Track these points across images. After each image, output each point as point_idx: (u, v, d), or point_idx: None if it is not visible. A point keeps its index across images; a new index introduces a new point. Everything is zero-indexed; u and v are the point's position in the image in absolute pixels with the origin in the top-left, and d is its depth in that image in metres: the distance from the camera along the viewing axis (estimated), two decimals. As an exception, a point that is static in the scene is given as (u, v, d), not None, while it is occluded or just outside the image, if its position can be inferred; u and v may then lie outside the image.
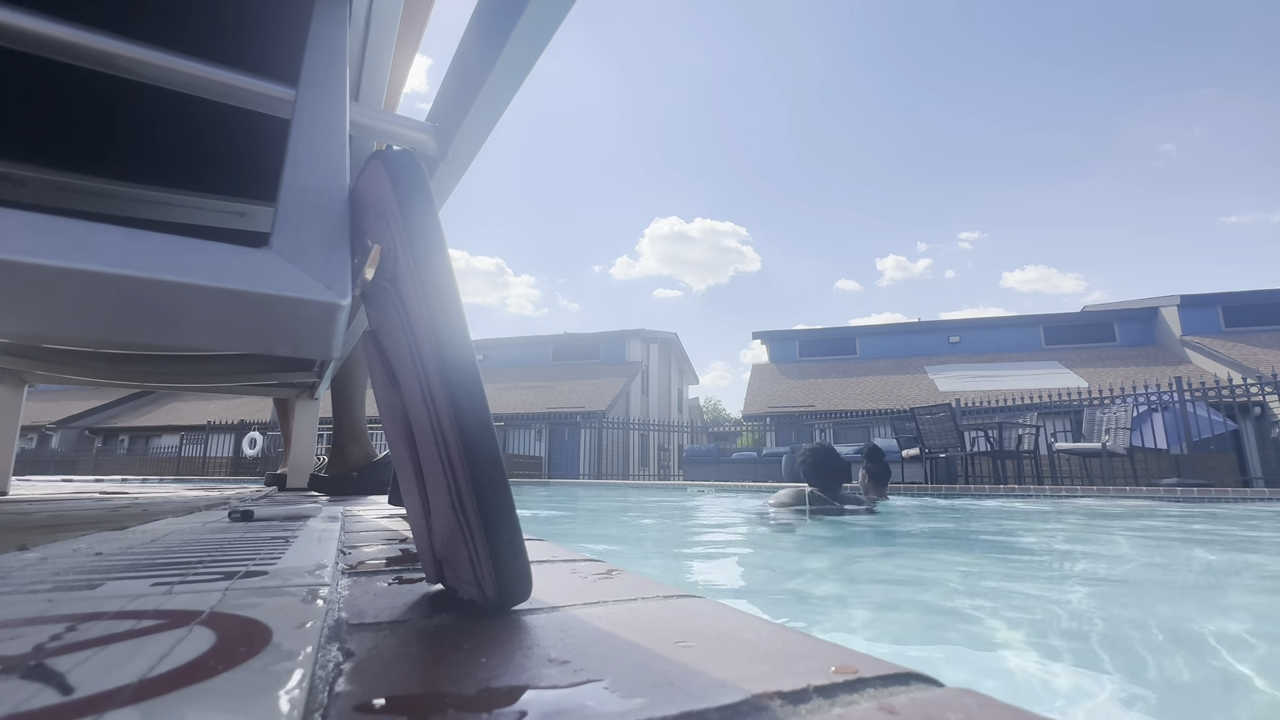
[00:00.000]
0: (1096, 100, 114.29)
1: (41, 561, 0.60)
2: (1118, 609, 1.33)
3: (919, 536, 2.65)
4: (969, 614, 1.25)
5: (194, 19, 0.83)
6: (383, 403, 0.50)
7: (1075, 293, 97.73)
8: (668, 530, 3.23)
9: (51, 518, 1.16)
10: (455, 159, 0.85)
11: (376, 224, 0.48)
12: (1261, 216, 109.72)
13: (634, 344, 20.84)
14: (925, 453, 7.38)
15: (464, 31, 0.75)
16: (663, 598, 0.47)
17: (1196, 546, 2.31)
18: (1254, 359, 13.41)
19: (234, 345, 0.42)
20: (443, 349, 0.41)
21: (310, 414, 2.67)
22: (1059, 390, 10.92)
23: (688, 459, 11.35)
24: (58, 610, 0.40)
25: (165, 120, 0.97)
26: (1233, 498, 4.94)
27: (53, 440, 19.20)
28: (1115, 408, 6.82)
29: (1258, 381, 7.21)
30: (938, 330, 19.47)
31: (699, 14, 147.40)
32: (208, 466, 15.69)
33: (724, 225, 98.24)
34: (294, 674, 0.28)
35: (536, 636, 0.37)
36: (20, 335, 1.68)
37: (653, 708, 0.26)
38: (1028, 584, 1.61)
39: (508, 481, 0.41)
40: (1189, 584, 1.65)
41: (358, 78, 0.90)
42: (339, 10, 0.67)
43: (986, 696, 0.27)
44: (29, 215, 0.37)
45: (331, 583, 0.50)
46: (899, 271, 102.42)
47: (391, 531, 0.94)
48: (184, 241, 0.41)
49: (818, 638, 0.36)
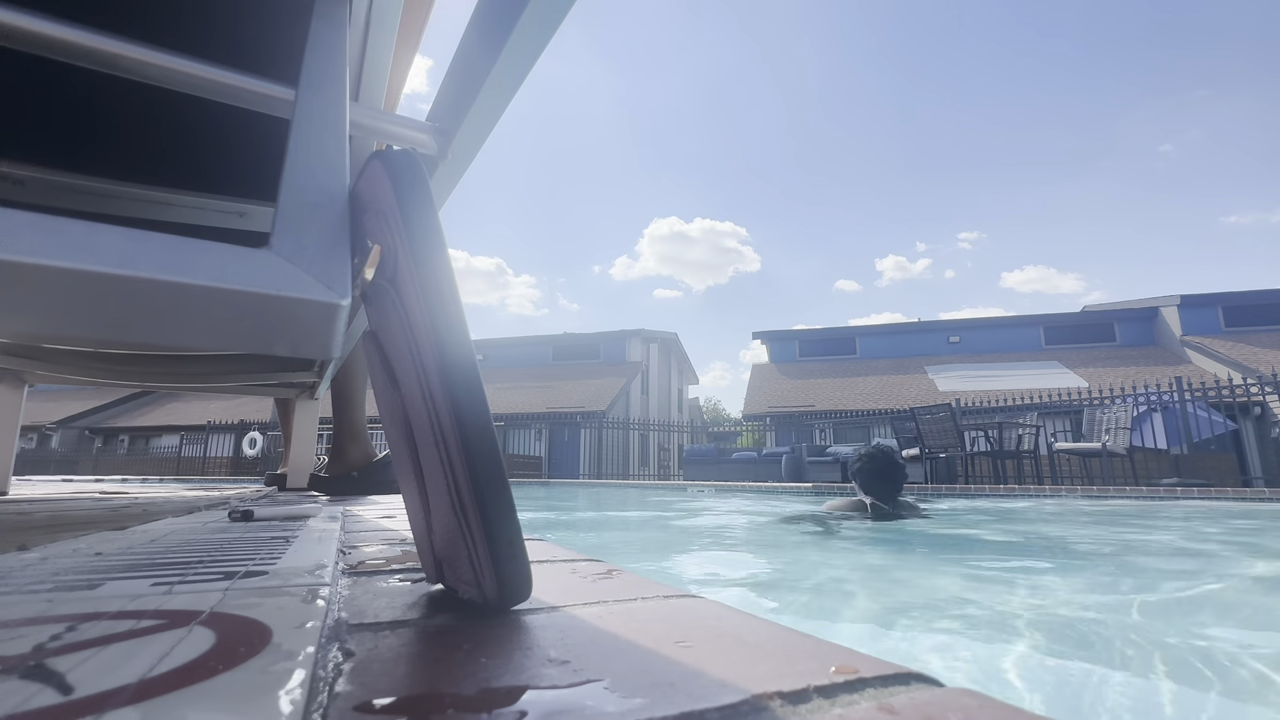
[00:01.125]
0: (1094, 101, 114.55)
1: (41, 561, 0.60)
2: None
3: (1018, 544, 2.30)
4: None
5: (194, 19, 0.83)
6: (383, 403, 0.50)
7: (1074, 293, 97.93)
8: (733, 543, 2.50)
9: (51, 518, 1.16)
10: (455, 159, 0.85)
11: (376, 224, 0.48)
12: (1260, 217, 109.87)
13: (634, 344, 20.84)
14: (925, 453, 7.38)
15: (464, 31, 0.75)
16: (663, 597, 0.47)
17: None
18: (1254, 359, 13.41)
19: (234, 345, 0.42)
20: (443, 349, 0.41)
21: (310, 414, 2.67)
22: (1059, 390, 10.92)
23: (688, 459, 11.35)
24: (58, 610, 0.40)
25: (166, 120, 0.97)
26: (1233, 497, 4.94)
27: (53, 440, 19.20)
28: (1115, 408, 6.82)
29: (1258, 381, 7.21)
30: (938, 330, 19.47)
31: (698, 15, 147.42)
32: (208, 466, 15.68)
33: (723, 225, 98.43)
34: (294, 674, 0.28)
35: (536, 636, 0.37)
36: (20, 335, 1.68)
37: (653, 708, 0.26)
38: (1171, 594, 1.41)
39: (508, 481, 0.41)
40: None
41: (358, 78, 0.90)
42: (339, 10, 0.67)
43: (986, 696, 0.27)
44: (29, 215, 0.37)
45: (331, 583, 0.50)
46: (898, 272, 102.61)
47: (391, 531, 0.94)
48: (184, 241, 0.41)
49: (818, 638, 0.36)
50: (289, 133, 0.53)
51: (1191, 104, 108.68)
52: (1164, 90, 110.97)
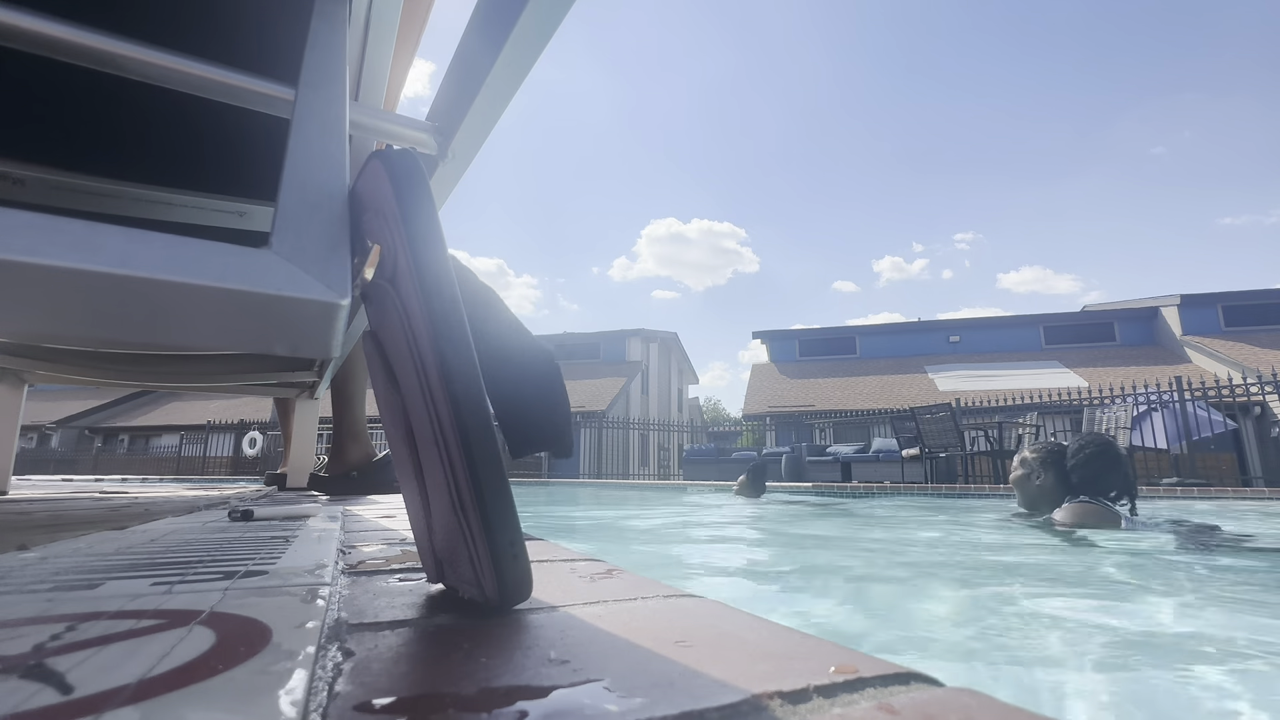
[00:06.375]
0: (1087, 103, 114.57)
1: (41, 561, 0.60)
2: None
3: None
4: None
5: (194, 19, 0.83)
6: (383, 403, 0.50)
7: (1071, 293, 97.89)
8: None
9: (51, 517, 1.16)
10: (455, 159, 0.85)
11: (376, 224, 0.48)
12: (1255, 219, 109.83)
13: (634, 343, 20.84)
14: (925, 452, 7.38)
15: (464, 31, 0.75)
16: (663, 597, 0.47)
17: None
18: (1254, 359, 13.41)
19: (234, 345, 0.42)
20: (442, 349, 0.41)
21: (310, 414, 2.67)
22: (1059, 390, 10.92)
23: (688, 459, 11.35)
24: (57, 610, 0.40)
25: (166, 120, 0.97)
26: (1233, 497, 4.94)
27: (53, 440, 19.21)
28: (1115, 407, 6.82)
29: (1258, 381, 7.21)
30: (938, 330, 19.47)
31: (695, 16, 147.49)
32: (208, 466, 15.69)
33: (722, 226, 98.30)
34: (294, 674, 0.28)
35: (536, 636, 0.37)
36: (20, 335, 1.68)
37: (653, 707, 0.26)
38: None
39: (508, 481, 0.41)
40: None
41: (358, 78, 0.90)
42: (339, 10, 0.67)
43: (986, 696, 0.27)
44: (29, 215, 0.37)
45: (331, 582, 0.50)
46: (896, 272, 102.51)
47: (391, 531, 0.94)
48: (184, 241, 0.41)
49: (818, 638, 0.36)
50: (289, 132, 0.53)
51: (1183, 106, 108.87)
52: (1154, 92, 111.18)
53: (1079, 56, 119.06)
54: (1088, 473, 2.29)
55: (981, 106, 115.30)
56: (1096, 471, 2.29)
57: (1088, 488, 2.29)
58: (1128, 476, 2.33)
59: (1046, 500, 2.42)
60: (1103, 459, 2.29)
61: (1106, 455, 2.30)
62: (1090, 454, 2.30)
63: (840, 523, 3.01)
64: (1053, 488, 2.40)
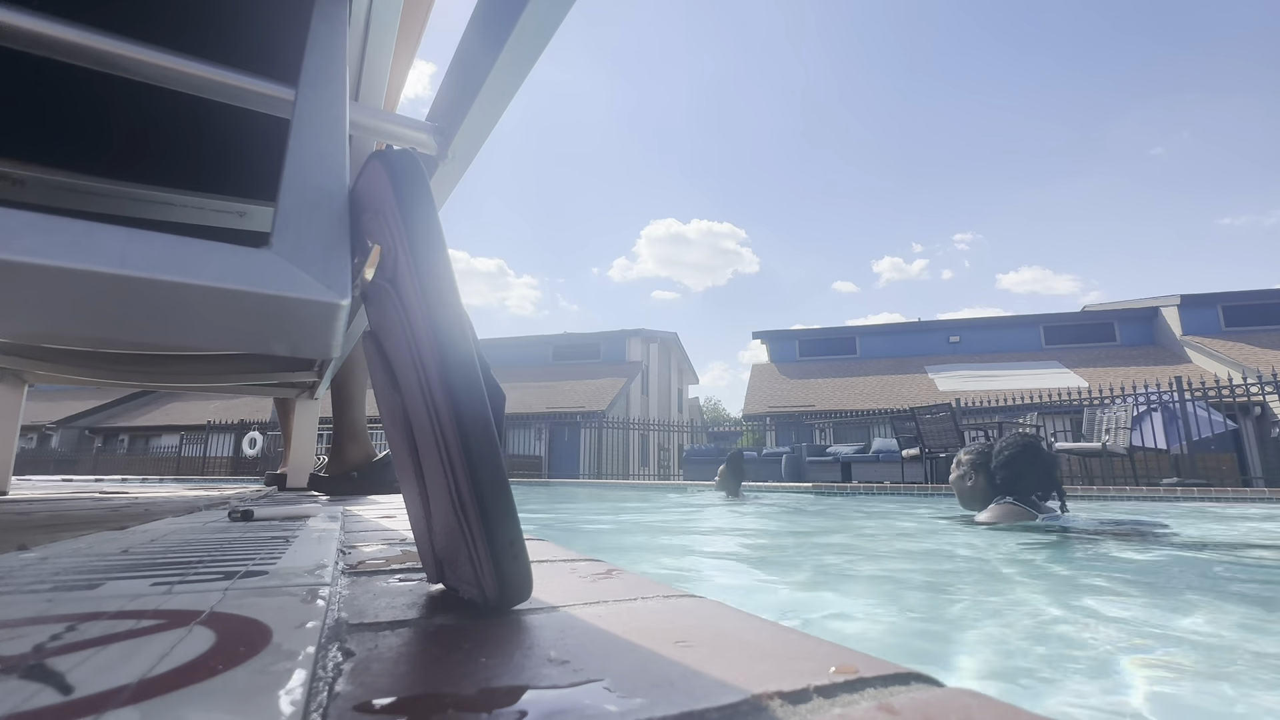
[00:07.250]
0: (1086, 103, 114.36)
1: (41, 561, 0.60)
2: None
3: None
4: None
5: (194, 19, 0.83)
6: (383, 403, 0.50)
7: (1070, 294, 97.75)
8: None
9: (51, 517, 1.16)
10: (455, 159, 0.85)
11: (376, 224, 0.48)
12: (1254, 219, 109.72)
13: (634, 343, 20.84)
14: (925, 452, 7.38)
15: (464, 31, 0.75)
16: (663, 597, 0.47)
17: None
18: (1254, 359, 13.41)
19: (234, 345, 0.42)
20: (443, 349, 0.41)
21: (310, 414, 2.67)
22: (1059, 390, 10.92)
23: (688, 459, 11.35)
24: (58, 610, 0.40)
25: (166, 120, 0.97)
26: (1233, 497, 4.94)
27: (53, 440, 19.21)
28: (1115, 407, 6.82)
29: (1258, 381, 7.21)
30: (938, 330, 19.47)
31: (696, 16, 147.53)
32: (208, 466, 15.68)
33: (722, 226, 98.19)
34: (294, 674, 0.28)
35: (536, 636, 0.37)
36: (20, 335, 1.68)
37: (653, 708, 0.26)
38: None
39: (508, 481, 0.41)
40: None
41: (358, 78, 0.90)
42: (339, 10, 0.67)
43: (986, 696, 0.27)
44: (29, 215, 0.37)
45: (331, 582, 0.50)
46: (895, 273, 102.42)
47: (391, 531, 0.94)
48: (184, 241, 0.41)
49: (818, 638, 0.36)
50: (289, 133, 0.53)
51: (1181, 106, 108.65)
52: (1153, 93, 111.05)
53: (1079, 57, 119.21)
54: (1009, 473, 2.36)
55: (981, 107, 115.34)
56: (1017, 471, 2.34)
57: (1010, 487, 2.35)
58: (1050, 475, 2.36)
59: (979, 500, 2.50)
60: (1022, 459, 2.35)
61: (1025, 455, 2.35)
62: (1010, 455, 2.37)
63: (790, 518, 3.24)
64: (984, 488, 2.47)
